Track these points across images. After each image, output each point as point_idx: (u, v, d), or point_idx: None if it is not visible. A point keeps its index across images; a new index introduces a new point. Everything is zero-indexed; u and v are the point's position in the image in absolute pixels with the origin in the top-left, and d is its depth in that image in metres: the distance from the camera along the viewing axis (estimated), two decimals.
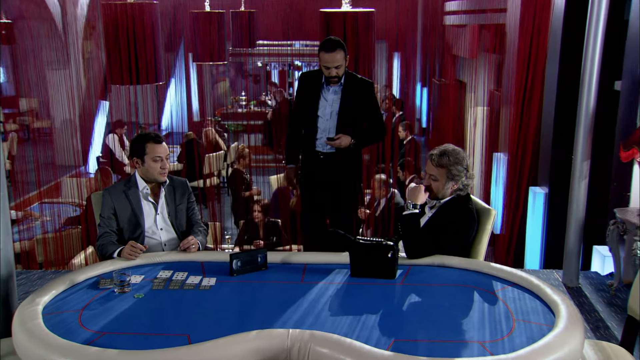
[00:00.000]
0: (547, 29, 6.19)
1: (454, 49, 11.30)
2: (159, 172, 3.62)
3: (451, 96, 9.79)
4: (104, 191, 3.65)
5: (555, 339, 2.45)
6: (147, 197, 3.66)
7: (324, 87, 4.43)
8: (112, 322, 2.69)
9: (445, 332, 2.59)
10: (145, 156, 3.59)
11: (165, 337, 2.54)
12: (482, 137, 8.41)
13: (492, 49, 8.48)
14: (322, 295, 2.96)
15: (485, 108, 8.86)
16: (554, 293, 2.86)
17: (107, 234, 3.55)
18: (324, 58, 4.25)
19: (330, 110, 4.42)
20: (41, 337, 2.48)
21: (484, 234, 3.47)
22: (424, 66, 12.72)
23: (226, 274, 3.22)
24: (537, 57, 6.26)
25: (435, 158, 3.48)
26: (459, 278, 3.15)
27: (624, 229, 4.69)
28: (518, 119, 6.44)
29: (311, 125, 4.47)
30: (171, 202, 3.71)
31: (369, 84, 4.54)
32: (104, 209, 3.60)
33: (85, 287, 3.06)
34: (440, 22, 11.57)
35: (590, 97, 4.74)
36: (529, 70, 6.27)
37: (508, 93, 6.86)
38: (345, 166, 4.49)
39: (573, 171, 4.90)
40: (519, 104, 6.37)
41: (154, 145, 3.60)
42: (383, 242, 3.13)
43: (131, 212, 3.61)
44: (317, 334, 2.51)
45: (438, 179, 3.44)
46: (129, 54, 5.92)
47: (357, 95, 4.42)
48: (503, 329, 2.60)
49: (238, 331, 2.57)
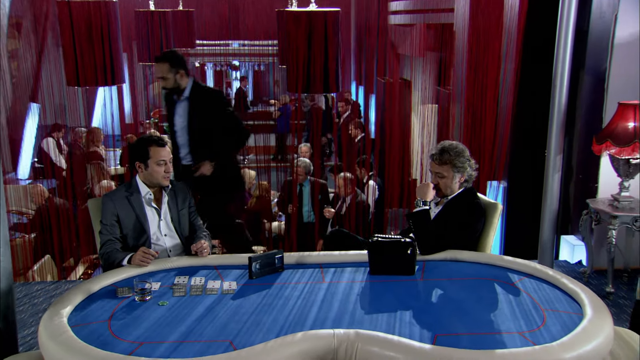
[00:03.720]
0: (501, 29, 6.37)
1: (399, 48, 11.50)
2: (163, 176, 3.52)
3: (397, 94, 9.95)
4: (105, 197, 3.51)
5: (590, 326, 2.56)
6: (150, 202, 3.55)
7: (177, 102, 4.54)
8: (146, 331, 2.61)
9: (482, 325, 2.66)
10: (149, 160, 3.48)
11: (208, 344, 2.49)
12: (431, 134, 8.61)
13: (439, 48, 8.67)
14: (349, 294, 2.97)
15: (433, 105, 9.07)
16: (571, 282, 2.98)
17: (110, 241, 3.42)
18: None
19: (182, 126, 4.56)
20: (81, 350, 2.39)
21: (491, 228, 3.58)
22: (358, 65, 12.84)
23: (242, 277, 3.19)
24: (492, 57, 6.44)
25: (437, 157, 3.56)
26: (474, 272, 3.23)
27: (598, 219, 4.92)
28: (471, 116, 6.60)
29: (173, 140, 4.62)
30: (174, 207, 3.62)
31: (217, 93, 4.71)
32: (105, 215, 3.47)
33: (103, 297, 2.96)
34: (384, 21, 11.73)
35: (562, 94, 4.94)
36: (481, 69, 6.43)
37: (459, 91, 7.02)
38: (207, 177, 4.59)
39: (547, 165, 5.09)
40: (473, 102, 6.53)
41: (158, 149, 3.49)
42: (402, 239, 3.18)
43: (135, 219, 3.49)
44: (362, 333, 2.52)
45: (445, 176, 3.52)
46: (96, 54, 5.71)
47: (204, 106, 4.51)
48: (536, 319, 2.69)
49: (277, 334, 2.56)
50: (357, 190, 7.28)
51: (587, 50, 5.31)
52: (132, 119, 13.98)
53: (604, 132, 4.81)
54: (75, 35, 5.65)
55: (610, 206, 4.90)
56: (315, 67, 4.91)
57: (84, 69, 5.76)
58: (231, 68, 17.45)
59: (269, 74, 18.01)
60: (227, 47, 13.93)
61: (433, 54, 9.45)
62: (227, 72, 17.73)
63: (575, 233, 5.63)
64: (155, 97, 15.86)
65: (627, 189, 4.88)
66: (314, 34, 4.90)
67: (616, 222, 4.77)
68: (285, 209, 7.03)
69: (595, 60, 5.27)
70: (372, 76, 12.20)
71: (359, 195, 7.19)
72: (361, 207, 6.96)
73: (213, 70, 18.17)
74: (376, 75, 12.29)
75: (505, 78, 6.41)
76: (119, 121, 14.83)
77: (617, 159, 4.81)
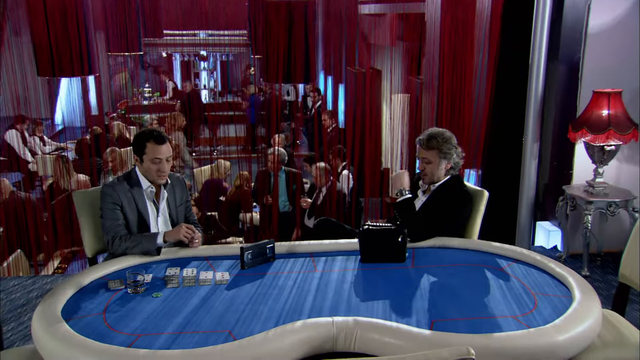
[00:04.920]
0: (474, 18, 6.42)
1: (369, 38, 11.51)
2: (157, 175, 3.40)
3: (368, 84, 9.98)
4: (105, 187, 3.37)
5: (581, 308, 2.64)
6: (151, 197, 3.45)
7: None
8: (143, 323, 2.58)
9: (477, 310, 2.70)
10: (144, 155, 3.37)
11: (207, 335, 2.48)
12: (402, 123, 8.67)
13: (410, 37, 8.71)
14: (343, 282, 2.99)
15: (405, 95, 9.13)
16: (558, 267, 3.06)
17: (119, 226, 3.32)
18: None
19: None
20: (79, 343, 2.35)
21: (477, 215, 3.64)
22: (326, 55, 12.82)
23: (233, 268, 3.18)
24: (469, 45, 6.50)
25: (424, 142, 3.60)
26: (464, 258, 3.28)
27: (574, 205, 5.04)
28: (448, 106, 6.66)
29: None
30: (172, 204, 3.54)
31: None
32: (106, 203, 3.34)
33: (95, 290, 2.91)
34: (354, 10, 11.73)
35: (539, 83, 5.06)
36: (459, 58, 6.50)
37: (432, 81, 7.07)
38: None
39: (524, 152, 5.21)
40: (452, 90, 6.59)
41: (155, 146, 3.36)
42: (392, 227, 3.21)
43: (138, 214, 3.40)
44: (361, 320, 2.54)
45: (431, 161, 3.57)
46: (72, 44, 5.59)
47: None
48: (528, 303, 2.75)
49: (275, 323, 2.57)
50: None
51: (561, 39, 5.40)
52: (97, 110, 13.74)
53: (580, 119, 4.92)
54: (50, 24, 5.52)
55: (585, 192, 5.01)
56: (297, 56, 4.91)
57: (59, 58, 5.64)
58: (199, 58, 17.24)
59: (237, 64, 17.89)
60: (194, 37, 13.79)
61: (404, 44, 9.49)
62: (195, 62, 17.51)
63: (550, 219, 5.75)
64: (121, 88, 15.62)
65: (601, 175, 5.00)
66: (294, 23, 4.92)
67: (591, 207, 4.89)
68: (261, 200, 7.02)
69: (569, 50, 5.36)
70: (341, 66, 12.22)
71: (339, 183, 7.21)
72: (341, 196, 7.00)
73: (180, 60, 17.95)
74: (345, 65, 12.32)
75: (483, 66, 6.49)
76: (83, 112, 14.56)
77: (592, 146, 4.92)
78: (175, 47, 14.30)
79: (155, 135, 3.39)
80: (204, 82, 17.38)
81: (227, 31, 12.80)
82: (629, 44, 5.15)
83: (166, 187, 3.51)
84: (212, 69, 16.52)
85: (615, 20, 5.16)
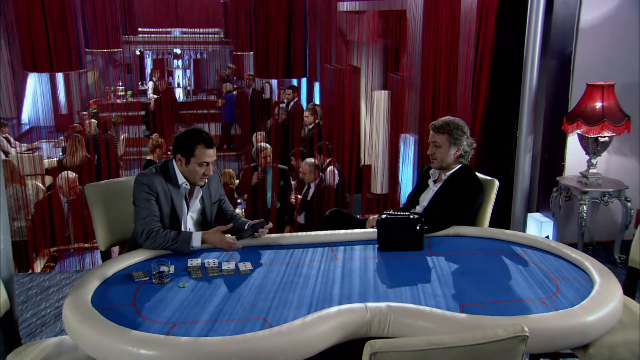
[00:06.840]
0: (459, 16, 6.49)
1: (348, 35, 11.54)
2: (200, 178, 3.33)
3: (346, 81, 10.01)
4: (142, 176, 3.27)
5: (603, 290, 2.71)
6: (185, 194, 3.39)
7: None
8: (175, 312, 2.58)
9: (502, 293, 2.76)
10: (192, 158, 3.27)
11: (243, 322, 2.49)
12: (384, 119, 8.72)
13: (390, 34, 8.76)
14: (367, 270, 3.03)
15: (384, 92, 9.18)
16: (574, 252, 3.14)
17: (154, 219, 3.23)
18: None
19: None
20: (118, 332, 2.34)
21: (488, 204, 3.71)
22: None
23: (255, 259, 3.19)
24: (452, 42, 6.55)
25: (436, 126, 3.67)
26: (479, 245, 3.34)
27: (568, 195, 5.15)
28: (430, 101, 6.71)
29: None
30: (207, 200, 3.48)
31: None
32: (142, 192, 3.23)
33: (119, 281, 2.90)
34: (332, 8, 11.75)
35: (533, 77, 5.16)
36: (440, 55, 6.55)
37: (415, 77, 7.13)
38: None
39: (518, 145, 5.30)
40: (431, 87, 6.64)
41: (204, 150, 3.26)
42: (410, 215, 3.26)
43: (172, 209, 3.33)
44: (394, 306, 2.58)
45: (441, 145, 3.63)
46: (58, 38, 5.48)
47: None
48: (550, 287, 2.82)
49: (308, 310, 2.59)
50: (321, 175, 7.33)
51: (553, 33, 5.52)
52: (66, 109, 13.49)
53: (574, 111, 5.03)
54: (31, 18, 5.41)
55: (579, 183, 5.14)
56: (296, 51, 4.92)
57: (40, 53, 5.52)
58: (173, 56, 17.08)
59: (211, 61, 17.75)
60: (168, 34, 13.65)
61: (384, 41, 9.54)
62: (168, 60, 17.35)
63: (542, 210, 5.87)
64: (91, 87, 15.35)
65: (594, 166, 5.12)
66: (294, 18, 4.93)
67: (586, 197, 5.01)
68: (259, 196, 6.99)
69: (561, 43, 5.48)
70: (317, 63, 12.23)
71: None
72: (332, 192, 7.04)
73: (153, 58, 17.74)
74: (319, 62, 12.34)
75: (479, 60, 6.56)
76: (52, 111, 14.26)
77: (585, 138, 5.04)
78: (151, 44, 14.14)
79: (206, 139, 3.28)
80: (178, 80, 17.21)
81: (201, 29, 12.71)
82: (620, 38, 5.29)
83: (202, 186, 3.43)
84: (185, 66, 16.35)
85: (606, 14, 5.29)
